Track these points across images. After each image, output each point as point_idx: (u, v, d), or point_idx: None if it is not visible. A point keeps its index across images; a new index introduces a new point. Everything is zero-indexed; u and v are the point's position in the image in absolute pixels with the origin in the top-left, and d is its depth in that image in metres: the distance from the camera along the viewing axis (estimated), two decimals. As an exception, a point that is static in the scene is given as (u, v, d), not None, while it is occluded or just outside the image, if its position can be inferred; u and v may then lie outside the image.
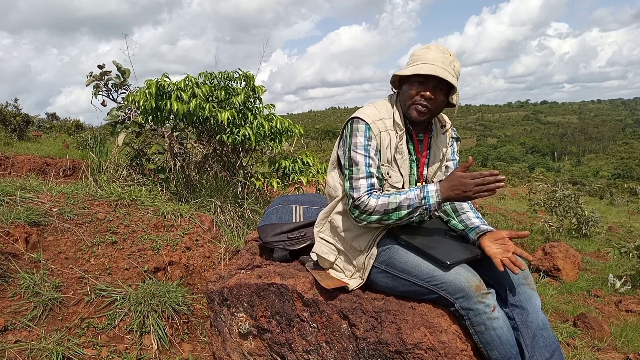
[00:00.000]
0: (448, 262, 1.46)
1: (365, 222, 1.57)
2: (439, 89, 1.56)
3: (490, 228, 1.60)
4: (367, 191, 1.54)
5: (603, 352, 2.67)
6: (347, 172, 1.59)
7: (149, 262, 2.63)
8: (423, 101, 1.57)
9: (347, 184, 1.59)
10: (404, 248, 1.60)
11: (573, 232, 7.79)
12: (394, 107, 1.67)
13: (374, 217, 1.53)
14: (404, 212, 1.51)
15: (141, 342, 2.16)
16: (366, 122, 1.59)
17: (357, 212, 1.55)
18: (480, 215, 1.71)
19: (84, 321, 2.14)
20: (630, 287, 4.00)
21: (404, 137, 1.65)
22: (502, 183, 1.42)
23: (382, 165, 1.63)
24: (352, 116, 1.65)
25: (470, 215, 1.69)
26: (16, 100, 14.35)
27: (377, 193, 1.55)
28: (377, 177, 1.59)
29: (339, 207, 1.73)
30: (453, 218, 1.73)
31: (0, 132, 10.56)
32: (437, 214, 1.82)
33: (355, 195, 1.54)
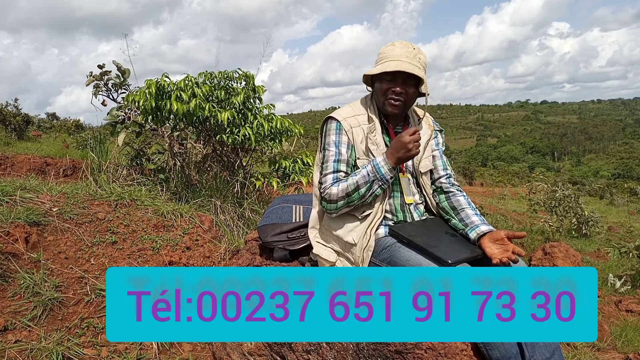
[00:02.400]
0: (449, 261, 1.47)
1: (335, 211, 1.66)
2: (408, 83, 1.64)
3: (490, 227, 1.60)
4: (332, 183, 1.65)
5: (603, 352, 2.67)
6: (320, 168, 1.72)
7: (149, 262, 2.63)
8: (395, 95, 1.65)
9: (318, 180, 1.71)
10: (405, 246, 1.61)
11: (573, 232, 7.79)
12: (369, 104, 1.77)
13: (340, 203, 1.63)
14: (363, 190, 1.60)
15: (141, 342, 2.16)
16: (337, 120, 1.71)
17: (325, 203, 1.66)
18: (480, 213, 1.71)
19: (84, 321, 2.14)
20: (630, 287, 4.00)
21: (378, 128, 1.73)
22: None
23: (359, 158, 1.71)
24: (327, 116, 1.77)
25: (469, 213, 1.69)
26: (16, 100, 14.40)
27: (338, 181, 1.64)
28: (345, 172, 1.68)
29: None
30: (453, 217, 1.73)
31: (0, 132, 10.56)
32: (427, 206, 1.82)
33: (321, 188, 1.66)
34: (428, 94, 1.70)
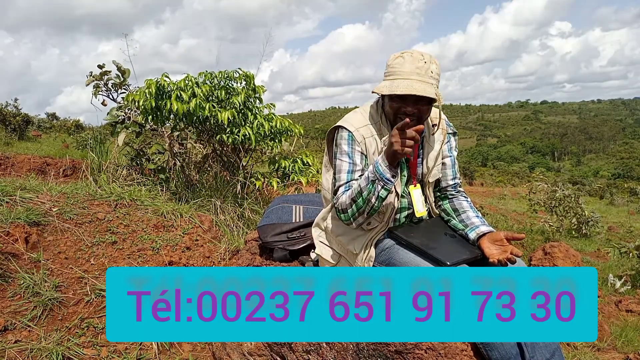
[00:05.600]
0: (448, 263, 1.46)
1: (351, 221, 1.58)
2: (420, 102, 1.52)
3: (490, 228, 1.60)
4: (343, 193, 1.58)
5: (603, 352, 2.67)
6: (333, 180, 1.64)
7: (149, 262, 2.63)
8: (407, 115, 1.51)
9: (332, 191, 1.64)
10: (404, 248, 1.60)
11: (573, 232, 7.79)
12: (380, 112, 1.68)
13: (351, 211, 1.54)
14: (365, 192, 1.49)
15: (141, 341, 2.16)
16: (349, 131, 1.62)
17: (340, 214, 1.59)
18: (481, 215, 1.72)
19: (84, 321, 2.14)
20: (630, 287, 4.00)
21: None
22: (420, 127, 1.42)
23: None
24: (336, 125, 1.68)
25: (470, 214, 1.70)
26: (16, 100, 14.43)
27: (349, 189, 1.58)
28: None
29: (334, 211, 1.74)
30: (453, 218, 1.73)
31: (0, 132, 10.56)
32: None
33: (335, 199, 1.60)
34: (441, 103, 1.57)
